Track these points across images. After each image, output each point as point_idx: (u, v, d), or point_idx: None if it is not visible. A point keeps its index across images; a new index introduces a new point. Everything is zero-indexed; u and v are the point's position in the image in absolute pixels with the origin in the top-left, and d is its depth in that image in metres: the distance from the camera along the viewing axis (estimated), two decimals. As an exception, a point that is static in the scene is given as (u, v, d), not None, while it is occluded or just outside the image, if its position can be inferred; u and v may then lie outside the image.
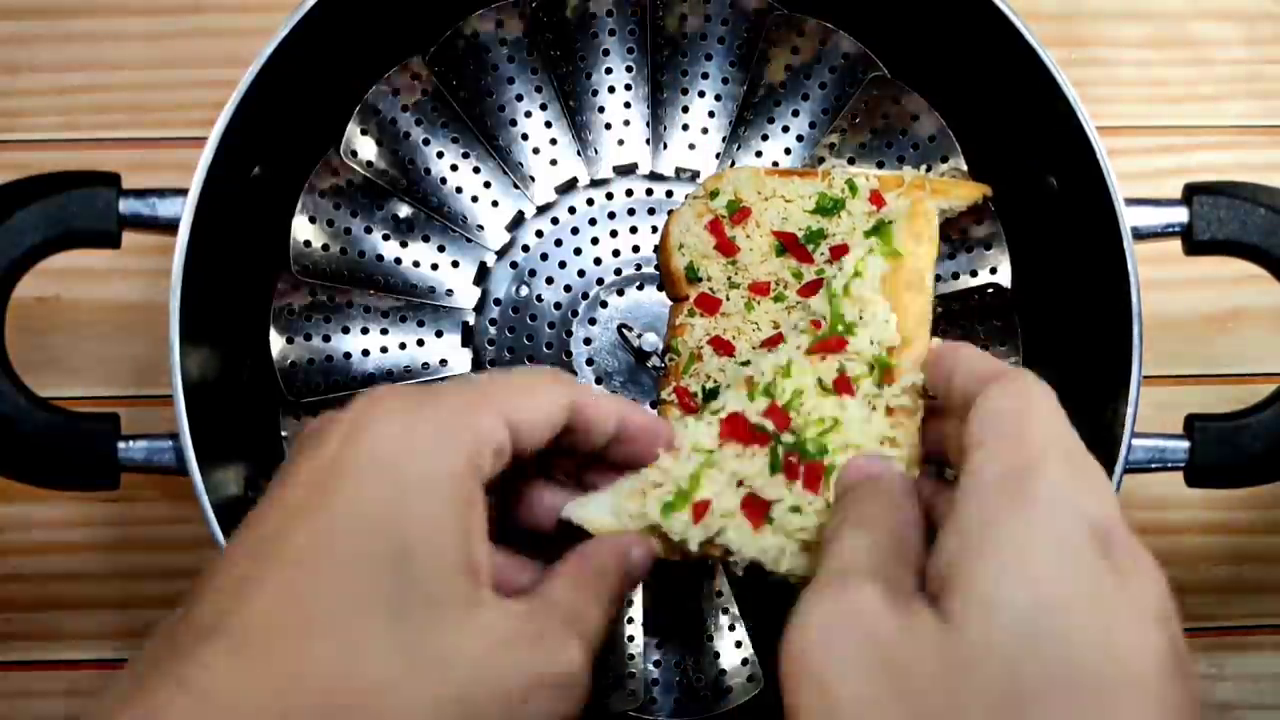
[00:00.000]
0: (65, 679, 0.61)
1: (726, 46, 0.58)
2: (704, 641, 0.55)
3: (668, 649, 0.55)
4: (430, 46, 0.57)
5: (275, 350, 0.55)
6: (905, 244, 0.45)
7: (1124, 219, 0.49)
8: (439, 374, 0.56)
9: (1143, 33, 0.68)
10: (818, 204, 0.54)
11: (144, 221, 0.48)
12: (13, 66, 0.65)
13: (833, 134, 0.58)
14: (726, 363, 0.54)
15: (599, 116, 0.59)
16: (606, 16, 0.58)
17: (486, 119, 0.58)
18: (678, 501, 0.41)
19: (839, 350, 0.43)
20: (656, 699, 0.54)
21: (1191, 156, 0.67)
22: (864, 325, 0.44)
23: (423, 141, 0.58)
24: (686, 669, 0.55)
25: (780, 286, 0.54)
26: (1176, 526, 0.64)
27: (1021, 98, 0.52)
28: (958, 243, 0.57)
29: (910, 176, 0.54)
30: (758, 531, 0.41)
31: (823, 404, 0.43)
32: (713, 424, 0.43)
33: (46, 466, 0.48)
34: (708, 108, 0.59)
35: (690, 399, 0.54)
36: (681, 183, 0.58)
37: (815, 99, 0.59)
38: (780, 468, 0.41)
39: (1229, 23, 0.68)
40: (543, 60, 0.58)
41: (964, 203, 0.54)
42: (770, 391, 0.43)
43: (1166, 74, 0.68)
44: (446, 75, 0.57)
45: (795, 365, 0.43)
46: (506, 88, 0.58)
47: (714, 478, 0.42)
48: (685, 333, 0.54)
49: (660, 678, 0.55)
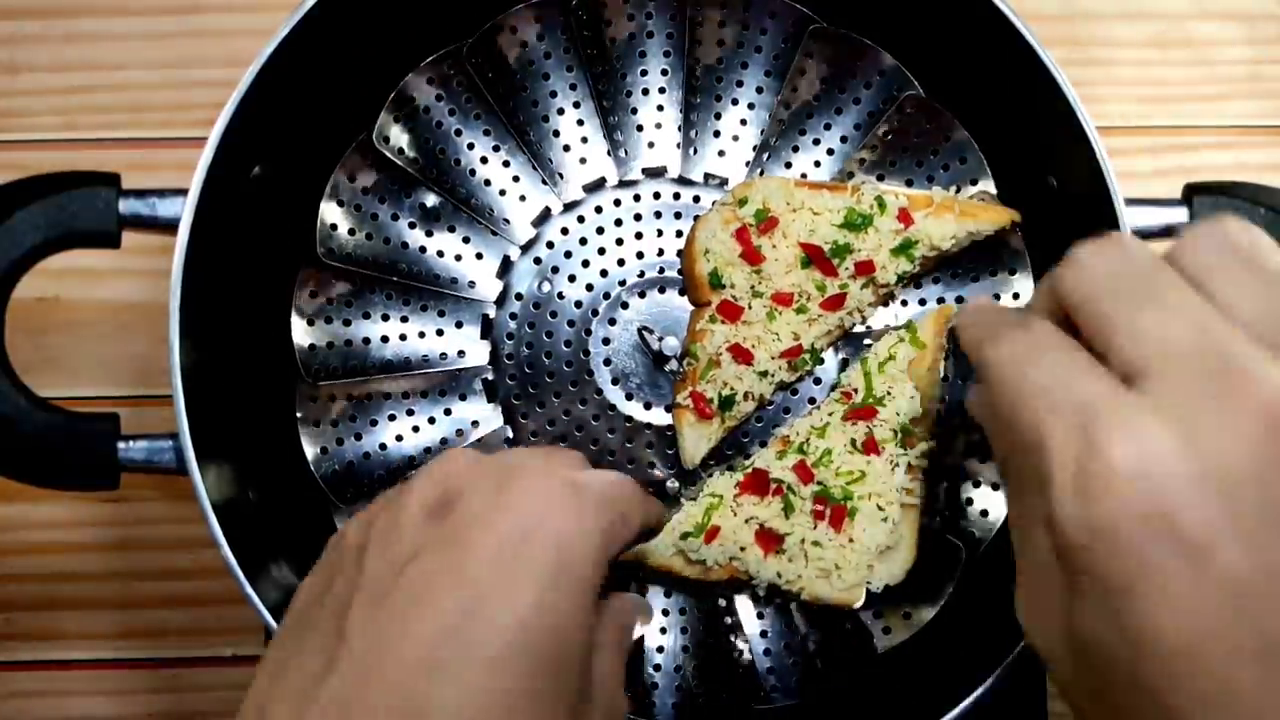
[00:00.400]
0: (65, 679, 0.61)
1: (764, 56, 0.58)
2: (730, 655, 0.55)
3: (690, 660, 0.55)
4: (468, 38, 0.57)
5: (296, 333, 0.55)
6: (929, 337, 0.54)
7: (1124, 219, 0.49)
8: (457, 365, 0.57)
9: (1143, 33, 0.68)
10: (846, 219, 0.54)
11: (144, 221, 0.48)
12: (13, 66, 0.65)
13: (864, 150, 0.58)
14: (744, 371, 0.54)
15: (631, 118, 0.59)
16: (645, 19, 0.58)
17: (519, 113, 0.58)
18: (694, 530, 0.52)
19: (870, 418, 0.53)
20: (655, 703, 0.54)
21: (1192, 157, 0.67)
22: (892, 399, 0.53)
23: (454, 132, 0.58)
24: (706, 679, 0.55)
25: (803, 298, 0.54)
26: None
27: (1022, 98, 0.52)
28: (984, 266, 0.57)
29: (939, 197, 0.55)
30: (769, 558, 0.52)
31: (851, 460, 0.53)
32: (733, 478, 0.53)
33: (46, 467, 0.48)
34: (740, 116, 0.59)
35: (706, 404, 0.54)
36: (710, 189, 0.58)
37: (849, 114, 0.58)
38: (794, 512, 0.52)
39: (1229, 23, 0.68)
40: (578, 59, 0.58)
41: (992, 226, 0.55)
42: (803, 449, 0.53)
43: (1167, 74, 0.68)
44: (483, 68, 0.57)
45: (830, 428, 0.53)
46: (541, 83, 0.58)
47: (725, 515, 0.52)
48: (705, 338, 0.54)
49: (660, 683, 0.55)
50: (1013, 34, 0.51)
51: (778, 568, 0.52)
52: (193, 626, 0.62)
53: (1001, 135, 0.56)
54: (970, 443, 0.55)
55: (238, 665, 0.62)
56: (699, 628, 0.55)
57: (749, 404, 0.55)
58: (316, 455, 0.55)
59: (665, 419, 0.56)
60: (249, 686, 0.34)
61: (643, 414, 0.56)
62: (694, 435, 0.55)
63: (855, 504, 0.52)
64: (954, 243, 0.54)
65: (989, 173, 0.57)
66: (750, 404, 0.55)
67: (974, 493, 0.56)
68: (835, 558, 0.52)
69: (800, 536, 0.52)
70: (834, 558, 0.52)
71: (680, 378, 0.55)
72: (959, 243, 0.55)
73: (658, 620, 0.56)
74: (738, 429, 0.56)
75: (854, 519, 0.52)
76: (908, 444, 0.53)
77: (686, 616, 0.56)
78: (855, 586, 0.52)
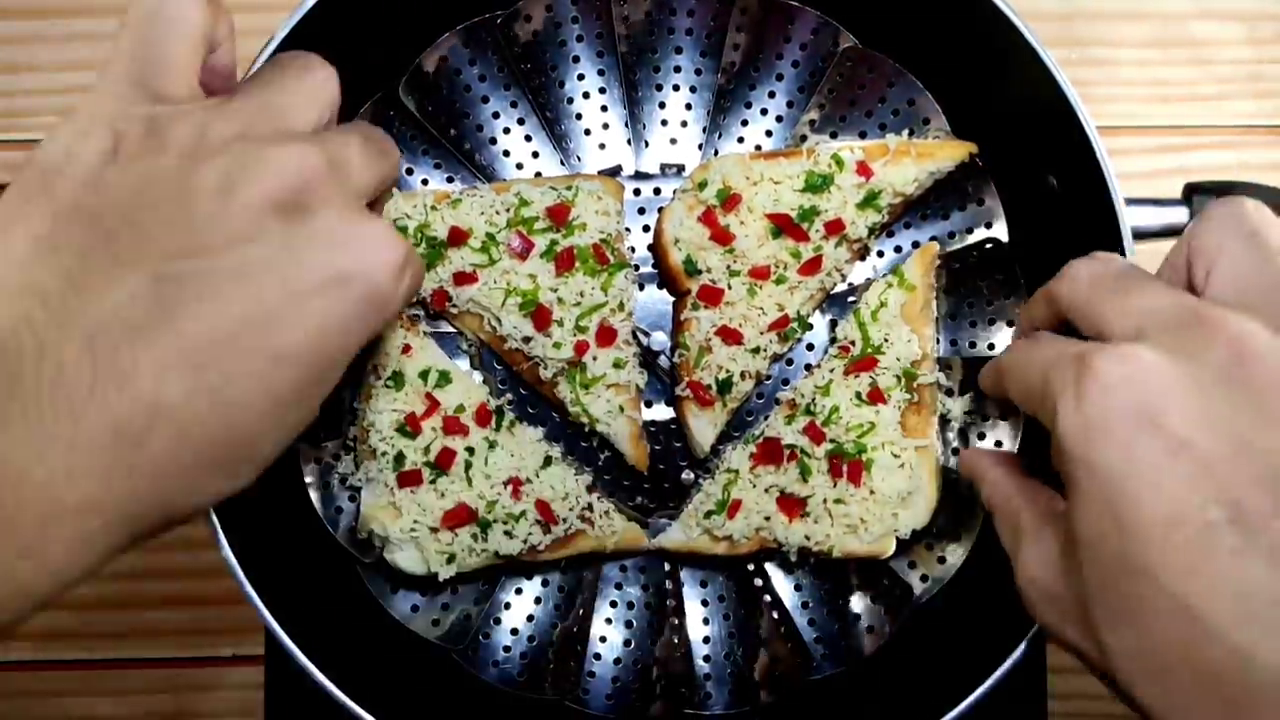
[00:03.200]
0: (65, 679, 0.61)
1: (695, 38, 0.58)
2: (755, 633, 0.55)
3: (717, 643, 0.55)
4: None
5: None
6: (917, 278, 0.55)
7: (1124, 219, 0.49)
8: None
9: (1143, 33, 0.67)
10: (806, 182, 0.54)
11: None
12: (12, 66, 0.65)
13: (812, 110, 0.57)
14: (736, 351, 0.54)
15: (577, 124, 0.58)
16: (571, 24, 0.57)
17: (463, 131, 0.57)
18: (717, 508, 0.53)
19: (870, 368, 0.53)
20: (711, 694, 0.54)
21: (1192, 156, 0.66)
22: (890, 345, 0.53)
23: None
24: (736, 659, 0.55)
25: (780, 268, 0.54)
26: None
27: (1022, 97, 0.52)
28: (952, 202, 0.57)
29: (894, 143, 0.54)
30: (795, 523, 0.52)
31: (859, 412, 0.53)
32: (746, 450, 0.54)
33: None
34: (684, 100, 0.58)
35: (705, 392, 0.54)
36: (668, 179, 0.58)
37: (789, 77, 0.58)
38: (811, 474, 0.52)
39: (1230, 23, 0.67)
40: (514, 75, 0.57)
41: (951, 162, 0.55)
42: (810, 410, 0.53)
43: (1167, 74, 0.67)
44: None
45: (834, 385, 0.53)
46: (481, 107, 0.57)
47: (744, 489, 0.53)
48: (692, 327, 0.54)
49: (711, 673, 0.55)
50: (1013, 34, 0.50)
51: (805, 530, 0.52)
52: (192, 626, 0.62)
53: (945, 69, 0.55)
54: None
55: (237, 665, 0.61)
56: (740, 611, 0.55)
57: (747, 383, 0.55)
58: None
59: (667, 413, 0.56)
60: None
61: (645, 413, 0.56)
62: (700, 424, 0.54)
63: (870, 455, 0.52)
64: (917, 185, 0.55)
65: (939, 110, 0.56)
66: (748, 382, 0.55)
67: (984, 426, 0.55)
68: (860, 511, 0.52)
69: (822, 497, 0.52)
70: (858, 512, 0.52)
71: (675, 370, 0.55)
72: (921, 185, 0.55)
73: (698, 611, 0.55)
74: (741, 409, 0.56)
75: (871, 470, 0.52)
76: (909, 387, 0.53)
77: (726, 603, 0.55)
78: (884, 537, 0.52)
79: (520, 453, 0.53)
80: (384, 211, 0.50)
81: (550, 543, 0.53)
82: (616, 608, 0.56)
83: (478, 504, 0.52)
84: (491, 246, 0.53)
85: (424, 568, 0.52)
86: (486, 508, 0.52)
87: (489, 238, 0.53)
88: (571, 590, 0.56)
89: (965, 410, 0.55)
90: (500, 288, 0.53)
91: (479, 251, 0.53)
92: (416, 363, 0.53)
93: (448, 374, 0.53)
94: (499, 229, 0.54)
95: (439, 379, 0.53)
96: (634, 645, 0.55)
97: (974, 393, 0.55)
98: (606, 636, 0.55)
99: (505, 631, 0.55)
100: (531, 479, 0.53)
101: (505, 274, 0.53)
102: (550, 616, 0.55)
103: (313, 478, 0.54)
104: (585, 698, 0.54)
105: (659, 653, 0.55)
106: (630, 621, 0.56)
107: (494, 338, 0.55)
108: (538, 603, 0.56)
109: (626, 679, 0.55)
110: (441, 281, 0.54)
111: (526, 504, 0.52)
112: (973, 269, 0.57)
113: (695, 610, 0.56)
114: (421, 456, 0.52)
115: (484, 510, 0.52)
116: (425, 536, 0.52)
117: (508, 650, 0.55)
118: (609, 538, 0.54)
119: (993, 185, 0.56)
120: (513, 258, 0.53)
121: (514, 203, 0.54)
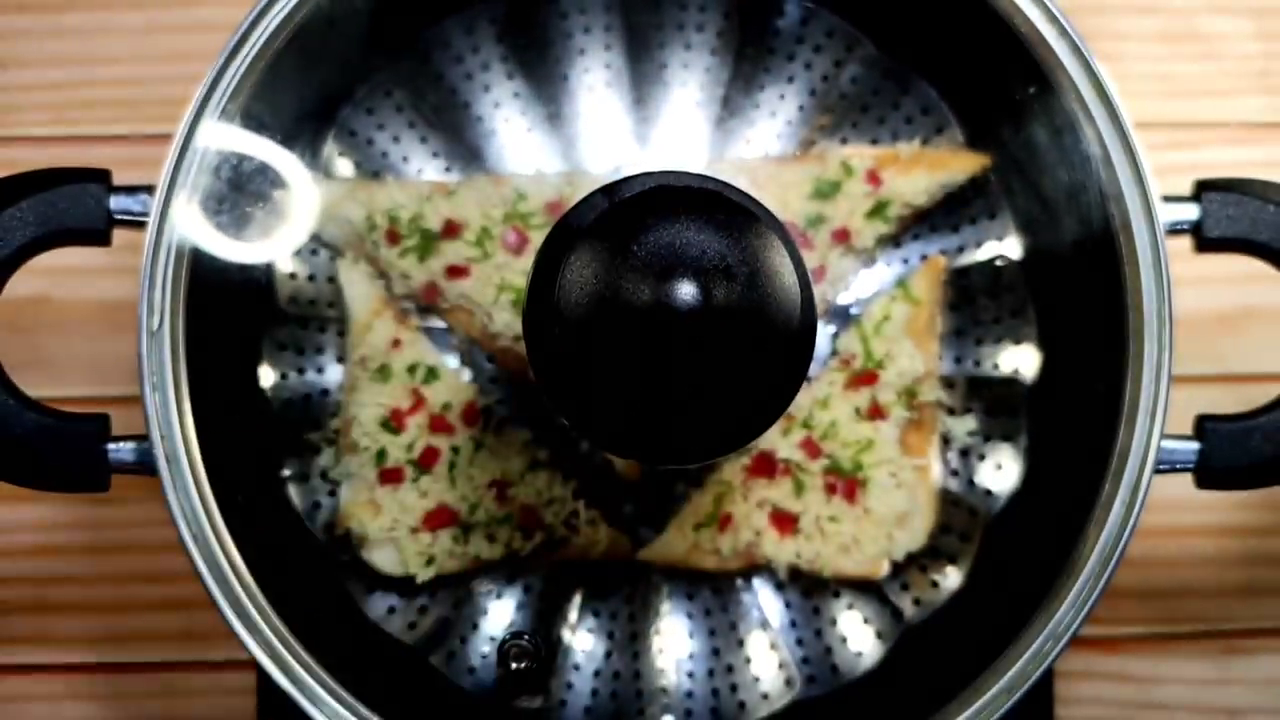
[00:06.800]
0: (55, 684, 0.61)
1: (704, 36, 0.57)
2: (740, 650, 0.54)
3: (701, 659, 0.55)
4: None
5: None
6: (923, 293, 0.54)
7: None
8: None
9: (1151, 27, 0.67)
10: (814, 189, 0.54)
11: (135, 219, 0.48)
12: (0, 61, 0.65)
13: (823, 115, 0.57)
14: None
15: (580, 120, 0.57)
16: (579, 15, 0.57)
17: (463, 121, 0.57)
18: (706, 520, 0.52)
19: (871, 383, 0.52)
20: (693, 710, 0.54)
21: (1201, 153, 0.66)
22: (892, 360, 0.53)
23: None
24: (719, 675, 0.54)
25: None
26: (1187, 529, 0.64)
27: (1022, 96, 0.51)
28: (962, 215, 0.56)
29: (906, 152, 0.54)
30: (786, 539, 0.51)
31: (858, 429, 0.52)
32: (739, 463, 0.52)
33: (34, 468, 0.47)
34: (691, 99, 0.57)
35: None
36: None
37: (801, 80, 0.57)
38: (805, 490, 0.51)
39: (1240, 17, 0.67)
40: (518, 67, 0.57)
41: (964, 175, 0.54)
42: (808, 424, 0.52)
43: (1176, 69, 0.67)
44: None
45: (833, 399, 0.52)
46: (483, 96, 0.57)
47: (736, 502, 0.52)
48: None
49: (694, 689, 0.54)
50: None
51: (796, 548, 0.52)
52: (185, 630, 0.62)
53: (962, 78, 0.55)
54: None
55: (230, 670, 0.61)
56: (725, 627, 0.55)
57: (746, 391, 0.54)
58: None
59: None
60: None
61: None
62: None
63: (867, 473, 0.51)
64: (928, 197, 0.54)
65: (953, 120, 0.56)
66: (747, 390, 0.54)
67: (985, 448, 0.54)
68: (853, 531, 0.51)
69: (815, 514, 0.51)
70: (852, 531, 0.51)
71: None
72: (932, 196, 0.54)
73: (682, 625, 0.54)
74: (743, 423, 0.56)
75: (867, 489, 0.51)
76: (911, 404, 0.53)
77: (711, 618, 0.55)
78: (878, 557, 0.52)
79: (506, 455, 0.52)
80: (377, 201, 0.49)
81: (533, 549, 0.52)
82: (599, 618, 0.55)
83: (460, 506, 0.51)
84: (486, 240, 0.53)
85: (402, 569, 0.51)
86: (469, 510, 0.51)
87: (484, 231, 0.53)
88: (553, 598, 0.55)
89: (968, 431, 0.54)
90: (493, 283, 0.52)
91: (473, 245, 0.53)
92: (405, 357, 0.52)
93: (436, 370, 0.53)
94: (495, 223, 0.53)
95: (427, 374, 0.52)
96: (614, 657, 0.55)
97: (977, 412, 0.54)
98: (587, 647, 0.54)
99: (484, 638, 0.54)
100: (516, 482, 0.52)
101: (499, 269, 0.52)
102: (530, 624, 0.55)
103: (291, 470, 0.53)
104: (563, 710, 0.53)
105: (640, 666, 0.54)
106: (612, 633, 0.55)
107: (484, 335, 0.54)
108: (518, 610, 0.55)
109: (605, 691, 0.54)
110: (432, 274, 0.53)
111: (510, 508, 0.51)
112: (981, 285, 0.56)
113: (679, 624, 0.55)
114: (405, 454, 0.51)
115: (466, 513, 0.51)
116: (404, 537, 0.51)
117: (485, 657, 0.54)
118: (594, 546, 0.53)
119: (1005, 201, 0.56)
120: (507, 253, 0.53)
121: (511, 197, 0.53)
